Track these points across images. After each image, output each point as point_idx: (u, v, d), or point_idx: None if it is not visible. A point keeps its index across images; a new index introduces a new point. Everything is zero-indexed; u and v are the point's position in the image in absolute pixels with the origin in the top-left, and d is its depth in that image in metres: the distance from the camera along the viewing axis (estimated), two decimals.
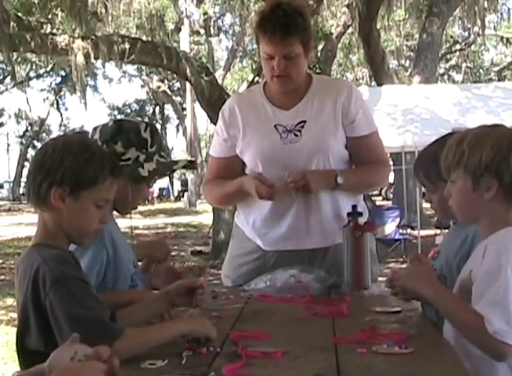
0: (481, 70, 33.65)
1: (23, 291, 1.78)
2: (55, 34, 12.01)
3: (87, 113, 29.58)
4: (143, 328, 1.81)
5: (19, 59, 17.55)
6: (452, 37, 27.47)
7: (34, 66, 27.33)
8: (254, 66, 21.29)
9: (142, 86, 38.97)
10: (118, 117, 38.43)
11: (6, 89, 35.12)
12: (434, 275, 2.08)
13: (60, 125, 42.10)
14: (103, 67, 28.84)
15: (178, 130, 44.09)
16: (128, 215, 2.39)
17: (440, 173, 2.19)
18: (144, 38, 17.22)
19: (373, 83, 20.10)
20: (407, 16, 20.83)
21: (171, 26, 26.04)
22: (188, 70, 11.91)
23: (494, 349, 1.75)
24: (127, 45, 11.72)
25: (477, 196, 1.88)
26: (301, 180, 2.64)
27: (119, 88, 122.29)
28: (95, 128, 2.29)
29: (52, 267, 1.74)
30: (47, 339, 1.74)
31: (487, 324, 1.71)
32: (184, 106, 35.06)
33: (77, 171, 1.82)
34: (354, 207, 2.63)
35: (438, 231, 13.17)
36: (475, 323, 1.74)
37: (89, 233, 1.92)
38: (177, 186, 43.23)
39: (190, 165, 2.42)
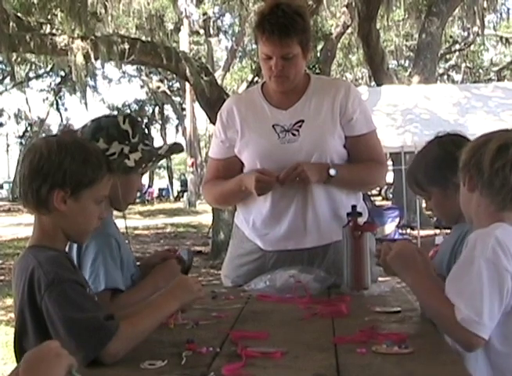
0: (480, 70, 33.65)
1: (20, 293, 1.78)
2: (54, 35, 12.01)
3: (86, 113, 29.56)
4: (135, 318, 1.79)
5: (19, 60, 17.56)
6: (451, 37, 27.47)
7: (33, 67, 27.34)
8: (253, 67, 21.30)
9: (142, 86, 38.99)
10: None
11: (6, 90, 35.10)
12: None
13: (60, 125, 42.06)
14: (103, 68, 28.81)
15: (177, 130, 44.09)
16: (128, 216, 2.39)
17: (428, 178, 2.24)
18: (143, 38, 17.22)
19: (373, 83, 20.10)
20: (406, 15, 20.82)
21: (170, 26, 26.06)
22: (187, 71, 11.91)
23: (462, 338, 1.79)
24: (126, 46, 11.73)
25: (465, 191, 1.96)
26: (294, 171, 2.63)
27: (118, 89, 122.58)
28: (75, 132, 2.29)
29: (47, 270, 1.73)
30: (44, 341, 1.74)
31: (456, 312, 1.76)
32: (183, 106, 35.10)
33: (76, 173, 1.81)
34: (353, 207, 2.63)
35: (438, 231, 13.18)
36: (446, 312, 1.79)
37: (90, 231, 1.94)
38: (176, 186, 43.20)
39: (177, 148, 2.41)
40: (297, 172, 2.64)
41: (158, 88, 34.67)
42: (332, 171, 2.70)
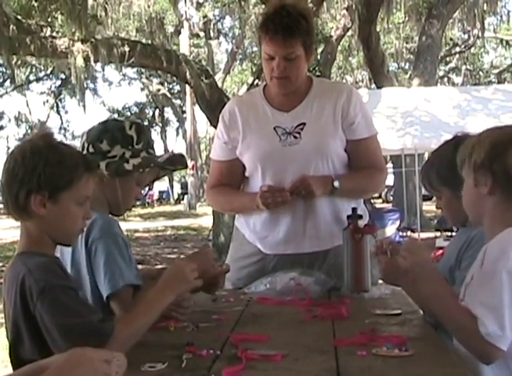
0: (480, 73, 33.66)
1: (12, 302, 1.78)
2: (54, 37, 12.03)
3: (86, 116, 29.67)
4: (130, 317, 1.78)
5: (19, 63, 17.54)
6: (451, 39, 27.46)
7: (33, 70, 27.32)
8: (253, 69, 21.32)
9: (142, 89, 38.96)
10: None
11: (6, 92, 35.07)
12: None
13: (60, 128, 42.03)
14: (103, 70, 28.84)
15: (177, 133, 44.09)
16: (128, 218, 2.39)
17: (440, 178, 2.21)
18: (144, 41, 17.25)
19: (373, 85, 20.10)
20: (407, 18, 20.85)
21: (170, 29, 26.09)
22: (187, 73, 11.93)
23: (484, 351, 1.75)
24: (126, 48, 11.74)
25: (478, 192, 1.89)
26: (301, 184, 2.64)
27: (119, 91, 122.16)
28: (83, 133, 2.33)
29: (37, 277, 1.73)
30: (41, 348, 1.74)
31: (480, 326, 1.72)
32: (184, 109, 35.09)
33: (51, 176, 1.80)
34: (354, 209, 2.64)
35: (438, 233, 13.18)
36: (468, 325, 1.74)
37: (76, 233, 1.93)
38: (177, 188, 43.19)
39: (179, 161, 2.41)
40: (304, 186, 2.64)
41: (158, 90, 34.68)
42: (336, 183, 2.70)
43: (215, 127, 3.13)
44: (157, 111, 42.48)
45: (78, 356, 1.38)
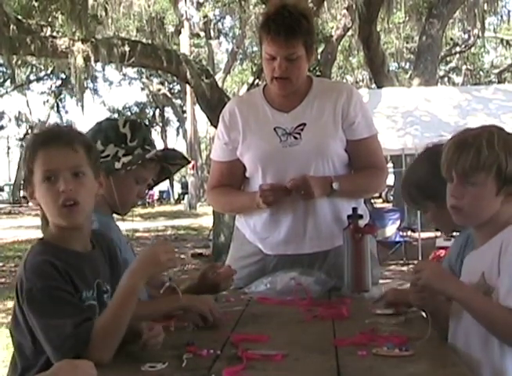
0: (481, 73, 33.67)
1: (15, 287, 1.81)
2: (55, 37, 12.01)
3: (85, 116, 29.61)
4: (106, 315, 1.74)
5: (20, 62, 17.54)
6: (452, 39, 27.45)
7: (34, 69, 27.33)
8: (254, 69, 21.29)
9: (143, 89, 39.00)
10: None
11: (6, 92, 35.10)
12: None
13: None
14: (103, 70, 28.85)
15: (178, 133, 44.14)
16: (128, 218, 2.39)
17: (422, 193, 2.22)
18: (144, 41, 17.24)
19: (373, 85, 20.10)
20: (407, 18, 20.82)
21: (171, 28, 26.06)
22: (188, 73, 11.92)
23: None
24: (127, 48, 11.72)
25: (496, 199, 1.85)
26: (302, 184, 2.64)
27: (119, 91, 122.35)
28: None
29: (28, 277, 1.76)
30: (33, 337, 1.77)
31: None
32: (184, 108, 35.13)
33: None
34: (354, 209, 2.63)
35: (439, 233, 13.15)
36: (508, 318, 1.70)
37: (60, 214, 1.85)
38: (177, 188, 43.20)
39: (170, 153, 2.41)
40: (305, 186, 2.64)
41: (159, 90, 34.72)
42: (335, 186, 2.70)
43: (216, 127, 3.13)
44: (158, 111, 42.53)
45: (60, 364, 1.47)
